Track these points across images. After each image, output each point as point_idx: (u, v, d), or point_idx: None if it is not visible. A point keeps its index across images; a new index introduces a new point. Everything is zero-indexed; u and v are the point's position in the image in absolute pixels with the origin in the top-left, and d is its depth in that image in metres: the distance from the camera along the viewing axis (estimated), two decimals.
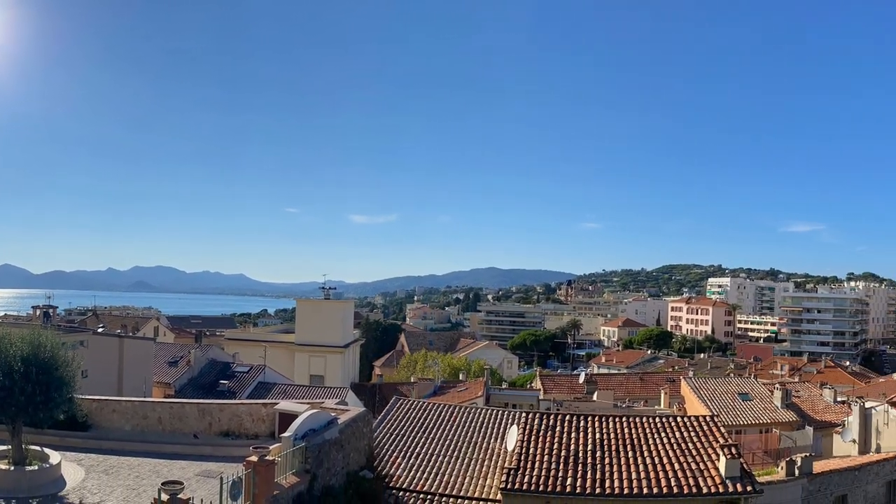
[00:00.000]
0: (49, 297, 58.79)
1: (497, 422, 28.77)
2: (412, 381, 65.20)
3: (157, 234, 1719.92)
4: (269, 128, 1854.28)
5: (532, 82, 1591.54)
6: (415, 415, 29.78)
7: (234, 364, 57.14)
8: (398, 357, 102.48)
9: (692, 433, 23.84)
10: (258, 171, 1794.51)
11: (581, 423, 24.41)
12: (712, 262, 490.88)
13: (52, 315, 50.09)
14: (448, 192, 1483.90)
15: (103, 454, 22.17)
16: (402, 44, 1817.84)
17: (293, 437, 18.50)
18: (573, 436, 23.56)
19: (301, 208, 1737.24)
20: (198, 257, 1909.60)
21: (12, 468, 18.84)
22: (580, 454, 22.46)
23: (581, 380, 67.00)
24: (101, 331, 50.38)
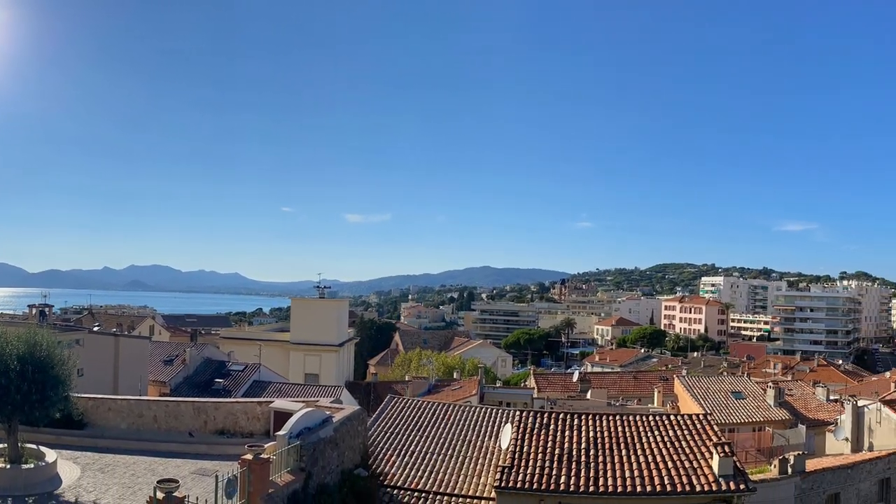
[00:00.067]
0: (45, 296, 58.63)
1: (491, 420, 28.85)
2: (406, 379, 65.22)
3: (153, 233, 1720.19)
4: (263, 127, 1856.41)
5: (526, 82, 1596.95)
6: (409, 413, 29.84)
7: (229, 363, 57.07)
8: (393, 356, 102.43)
9: (685, 431, 23.95)
10: (253, 170, 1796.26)
11: (575, 422, 24.52)
12: (705, 261, 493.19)
13: (47, 314, 49.93)
14: (442, 192, 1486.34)
15: (99, 452, 22.23)
16: (396, 44, 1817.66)
17: (288, 435, 18.53)
18: (567, 434, 23.66)
19: (296, 207, 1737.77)
20: (193, 256, 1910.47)
21: (8, 466, 18.90)
22: (574, 452, 22.56)
23: (575, 378, 67.28)
24: (96, 329, 50.29)
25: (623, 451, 22.62)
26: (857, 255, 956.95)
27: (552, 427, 24.12)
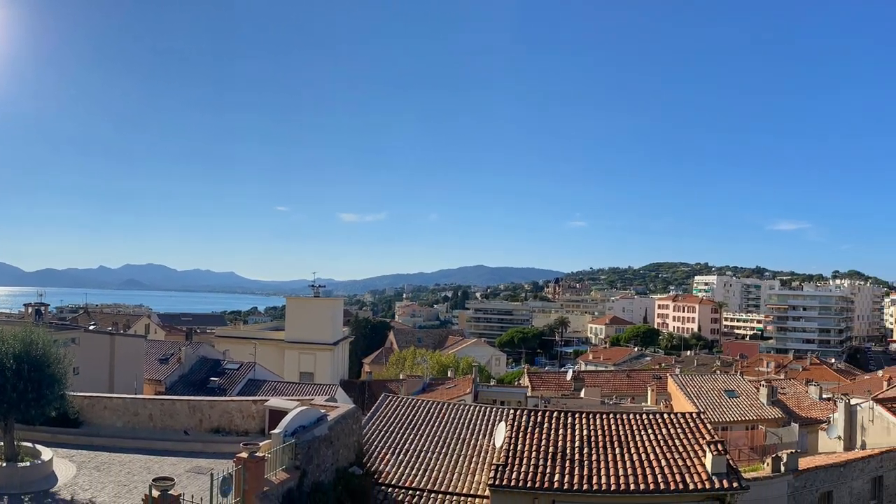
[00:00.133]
0: (41, 295, 58.76)
1: (485, 418, 28.90)
2: (401, 378, 65.25)
3: (149, 232, 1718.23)
4: (259, 127, 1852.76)
5: (520, 82, 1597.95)
6: (404, 411, 29.90)
7: (224, 361, 57.11)
8: (387, 354, 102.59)
9: (679, 430, 24.02)
10: (248, 169, 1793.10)
11: (568, 420, 24.59)
12: (699, 260, 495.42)
13: (43, 313, 49.92)
14: (437, 191, 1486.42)
15: (95, 450, 22.27)
16: (395, 44, 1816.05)
17: (283, 433, 18.60)
18: (561, 432, 23.72)
19: (291, 207, 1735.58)
20: (188, 255, 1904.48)
21: (4, 464, 18.93)
22: (568, 451, 22.64)
23: (568, 377, 67.25)
24: (92, 328, 50.38)
25: (617, 450, 22.69)
26: (850, 254, 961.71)
27: (546, 425, 24.19)
